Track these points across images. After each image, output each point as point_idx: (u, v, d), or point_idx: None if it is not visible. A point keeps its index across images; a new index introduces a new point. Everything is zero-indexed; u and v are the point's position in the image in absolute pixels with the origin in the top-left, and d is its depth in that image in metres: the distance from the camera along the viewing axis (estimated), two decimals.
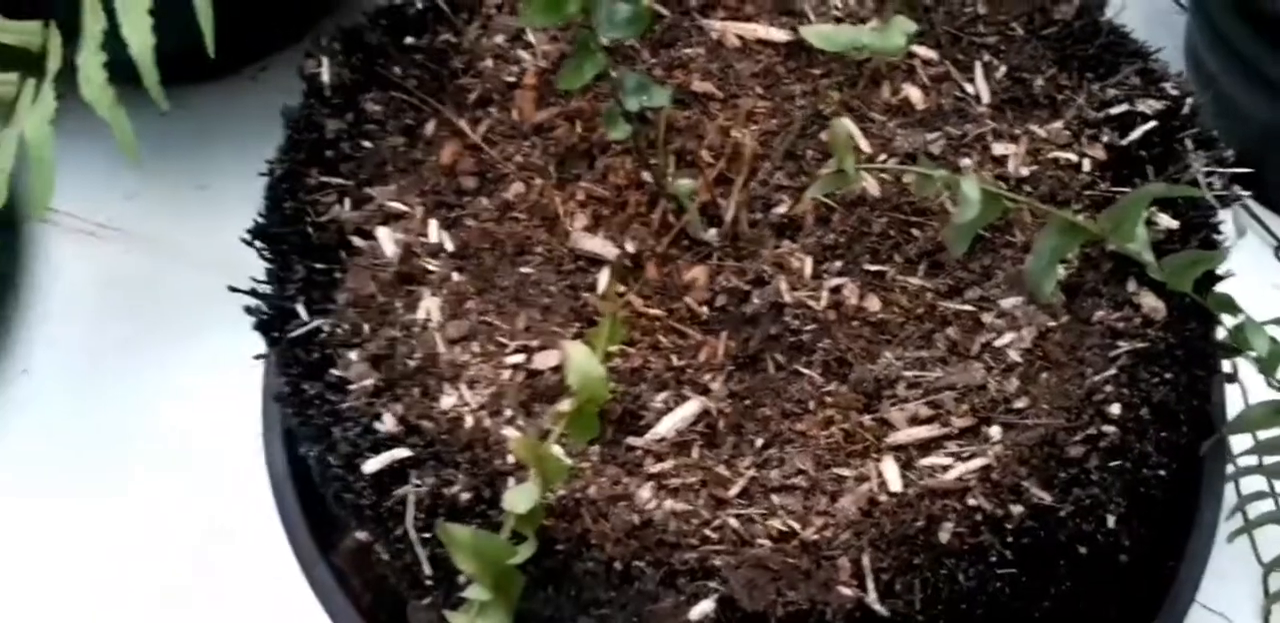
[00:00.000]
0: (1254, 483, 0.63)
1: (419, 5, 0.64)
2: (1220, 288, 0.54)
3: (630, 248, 0.58)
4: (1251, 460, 0.61)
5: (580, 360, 0.45)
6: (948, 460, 0.51)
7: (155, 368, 0.85)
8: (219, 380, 0.82)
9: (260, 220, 0.59)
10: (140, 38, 0.56)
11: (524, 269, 0.58)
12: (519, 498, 0.44)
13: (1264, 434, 0.58)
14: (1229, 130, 0.58)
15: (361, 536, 0.56)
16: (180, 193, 0.90)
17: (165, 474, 0.82)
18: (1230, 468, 0.64)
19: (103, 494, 0.82)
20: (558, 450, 0.51)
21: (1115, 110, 0.58)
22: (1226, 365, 0.60)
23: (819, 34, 0.54)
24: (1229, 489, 0.65)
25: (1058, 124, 0.59)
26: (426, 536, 0.50)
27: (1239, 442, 0.62)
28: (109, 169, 0.90)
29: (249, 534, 0.79)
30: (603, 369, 0.45)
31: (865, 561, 0.49)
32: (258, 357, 0.58)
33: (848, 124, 0.53)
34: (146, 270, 0.88)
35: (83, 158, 0.87)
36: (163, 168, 0.91)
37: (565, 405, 0.46)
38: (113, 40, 0.55)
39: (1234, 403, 0.62)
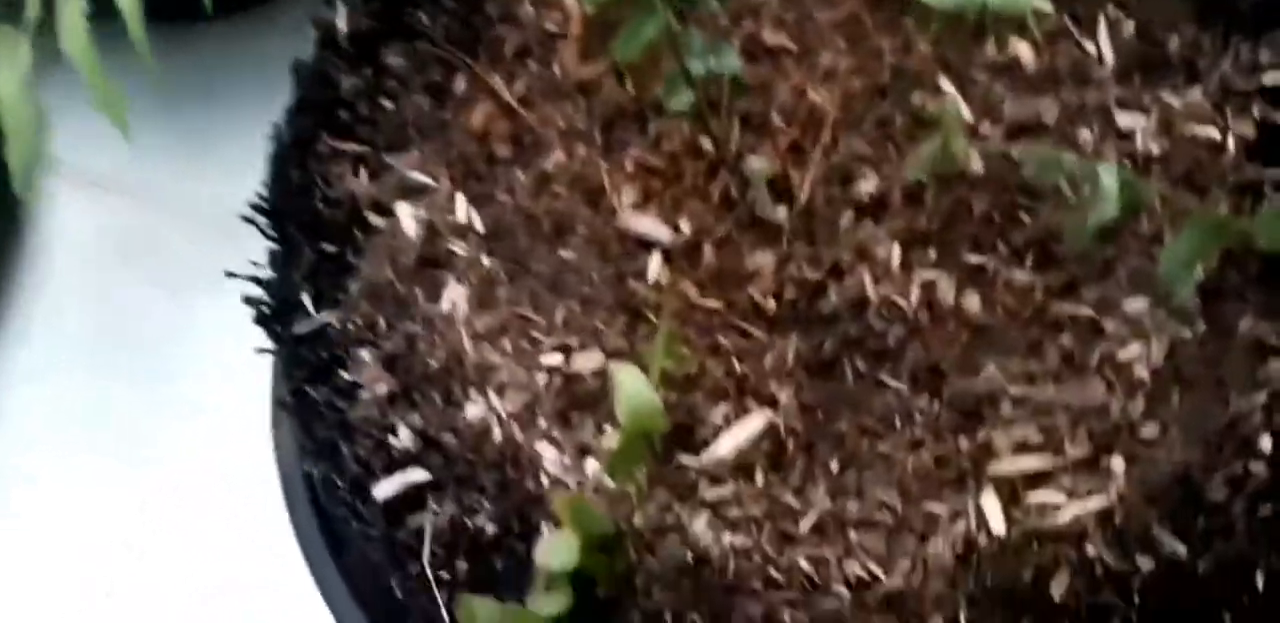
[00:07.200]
0: None
1: None
2: None
3: (686, 228, 0.51)
4: None
5: (631, 387, 0.38)
6: (1060, 498, 0.44)
7: (159, 328, 0.79)
8: (225, 343, 0.76)
9: (262, 194, 0.52)
10: None
11: (563, 253, 0.51)
12: (556, 553, 0.37)
13: None
14: None
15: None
16: (189, 144, 0.83)
17: (170, 437, 0.77)
18: None
19: (106, 454, 0.77)
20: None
21: (1269, 78, 0.49)
22: None
23: None
24: None
25: (1196, 93, 0.50)
26: (445, 575, 0.43)
27: None
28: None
29: (261, 497, 0.74)
30: (657, 398, 0.38)
31: (963, 619, 0.41)
32: (261, 351, 0.51)
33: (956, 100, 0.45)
34: (150, 225, 0.82)
35: (86, 105, 0.81)
36: (172, 116, 0.83)
37: (612, 439, 0.38)
38: None
39: None
